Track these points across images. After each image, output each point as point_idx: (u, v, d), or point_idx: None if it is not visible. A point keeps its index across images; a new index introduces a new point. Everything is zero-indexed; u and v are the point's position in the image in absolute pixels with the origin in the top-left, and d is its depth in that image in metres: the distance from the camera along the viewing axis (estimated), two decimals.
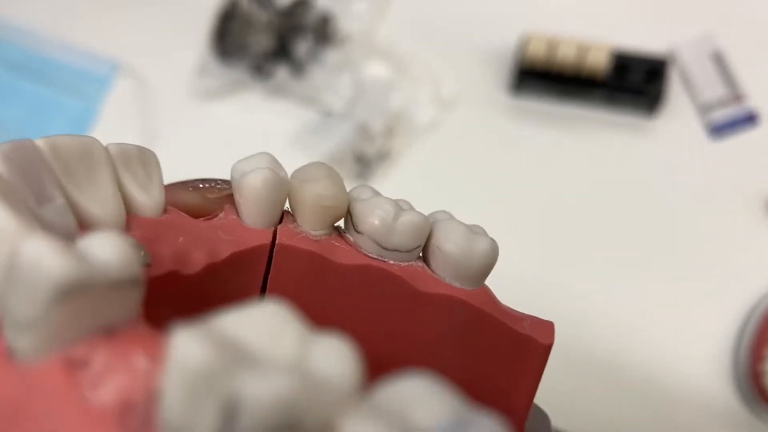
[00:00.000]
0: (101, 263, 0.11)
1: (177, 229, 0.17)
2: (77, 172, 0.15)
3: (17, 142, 0.15)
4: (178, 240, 0.16)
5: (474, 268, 0.19)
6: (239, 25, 0.54)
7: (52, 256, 0.10)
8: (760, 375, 0.44)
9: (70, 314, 0.11)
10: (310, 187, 0.19)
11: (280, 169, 0.19)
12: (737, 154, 0.49)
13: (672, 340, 0.46)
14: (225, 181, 0.20)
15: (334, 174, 0.20)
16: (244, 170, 0.19)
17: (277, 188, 0.18)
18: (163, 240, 0.16)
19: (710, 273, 0.47)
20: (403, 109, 0.52)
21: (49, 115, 0.56)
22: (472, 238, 0.19)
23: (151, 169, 0.18)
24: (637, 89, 0.48)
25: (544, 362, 0.20)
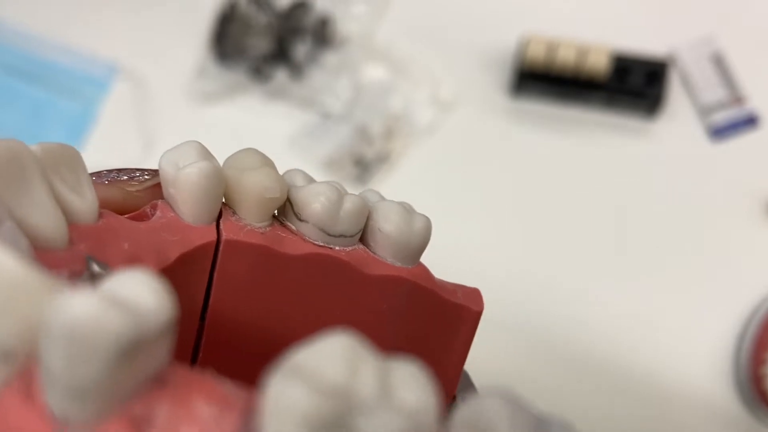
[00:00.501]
0: (147, 312, 0.10)
1: (119, 235, 0.16)
2: (11, 183, 0.13)
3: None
4: (123, 247, 0.15)
5: (413, 246, 0.19)
6: (238, 27, 0.54)
7: (106, 314, 0.09)
8: (761, 378, 0.44)
9: (126, 371, 0.10)
10: (252, 178, 0.18)
11: (213, 158, 0.18)
12: (738, 157, 0.49)
13: (673, 343, 0.46)
14: (146, 170, 0.19)
15: (269, 161, 0.19)
16: (178, 162, 0.17)
17: (217, 181, 0.17)
18: (109, 248, 0.15)
19: (711, 276, 0.47)
20: (402, 111, 0.52)
21: (47, 118, 0.56)
22: (409, 218, 0.19)
23: (78, 169, 0.16)
24: (637, 91, 0.48)
25: (474, 327, 0.21)
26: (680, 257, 0.47)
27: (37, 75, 0.57)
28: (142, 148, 0.54)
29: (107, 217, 0.16)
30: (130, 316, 0.10)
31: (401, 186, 0.51)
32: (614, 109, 0.49)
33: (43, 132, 0.56)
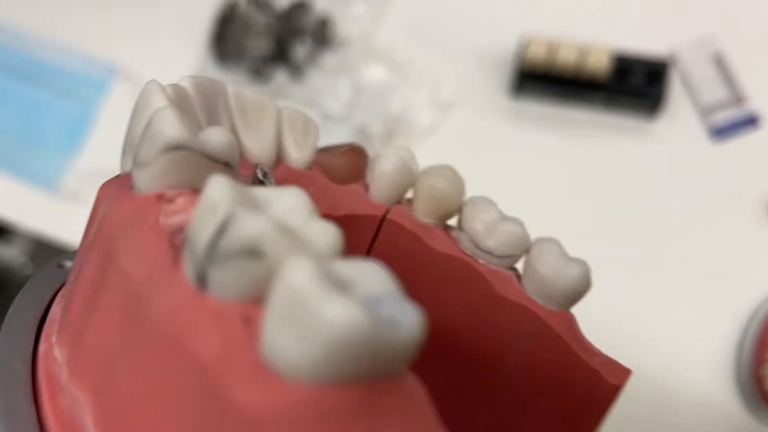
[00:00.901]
0: (207, 140, 0.15)
1: (310, 183, 0.20)
2: (250, 117, 0.19)
3: (210, 79, 0.18)
4: (308, 191, 0.17)
5: (561, 291, 0.20)
6: (237, 28, 0.54)
7: (171, 122, 0.14)
8: (762, 379, 0.44)
9: (174, 166, 0.14)
10: (427, 179, 0.22)
11: (413, 161, 0.22)
12: (738, 157, 0.48)
13: (673, 344, 0.46)
14: (346, 144, 0.23)
15: (454, 175, 0.22)
16: (381, 153, 0.22)
17: (402, 174, 0.21)
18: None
19: (712, 276, 0.47)
20: (402, 112, 0.52)
21: (45, 119, 0.56)
22: (565, 262, 0.20)
23: (309, 134, 0.21)
24: (637, 92, 0.48)
25: (608, 405, 0.20)
26: (681, 257, 0.47)
27: (35, 76, 0.56)
28: None
29: (313, 172, 0.21)
30: (185, 132, 0.15)
31: None
32: (615, 110, 0.49)
33: (41, 133, 0.55)
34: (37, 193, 0.54)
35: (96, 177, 0.54)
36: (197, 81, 0.18)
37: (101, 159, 0.54)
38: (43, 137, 0.55)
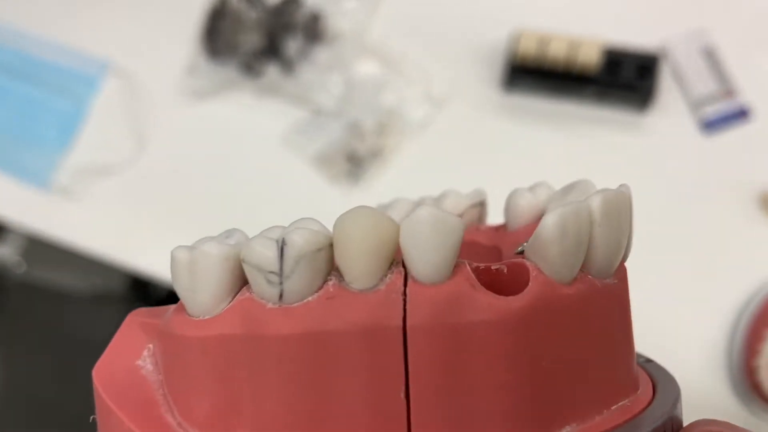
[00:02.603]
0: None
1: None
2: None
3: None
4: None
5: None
6: (229, 23, 0.54)
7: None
8: (754, 370, 0.44)
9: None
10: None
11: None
12: (729, 150, 0.49)
13: (665, 336, 0.46)
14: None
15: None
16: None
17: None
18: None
19: (703, 268, 0.47)
20: (394, 107, 0.52)
21: (37, 115, 0.55)
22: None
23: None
24: (628, 85, 0.48)
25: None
26: (672, 250, 0.47)
27: (27, 73, 0.56)
28: (132, 145, 0.54)
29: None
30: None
31: (394, 181, 0.51)
32: (606, 103, 0.49)
33: (33, 129, 0.55)
34: (29, 189, 0.54)
35: (88, 174, 0.53)
36: None
37: (93, 155, 0.54)
38: (35, 134, 0.55)
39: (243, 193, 0.53)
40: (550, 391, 0.16)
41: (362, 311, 0.15)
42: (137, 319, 0.18)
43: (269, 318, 0.16)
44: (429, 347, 0.15)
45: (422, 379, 0.15)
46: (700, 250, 0.47)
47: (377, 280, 0.15)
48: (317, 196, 0.51)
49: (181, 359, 0.17)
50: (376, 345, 0.15)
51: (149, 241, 0.53)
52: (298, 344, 0.15)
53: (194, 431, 0.17)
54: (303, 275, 0.15)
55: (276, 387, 0.16)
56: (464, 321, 0.15)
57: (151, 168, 0.54)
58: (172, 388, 0.17)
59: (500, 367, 0.15)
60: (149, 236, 0.53)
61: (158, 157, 0.54)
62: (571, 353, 0.16)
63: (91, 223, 0.53)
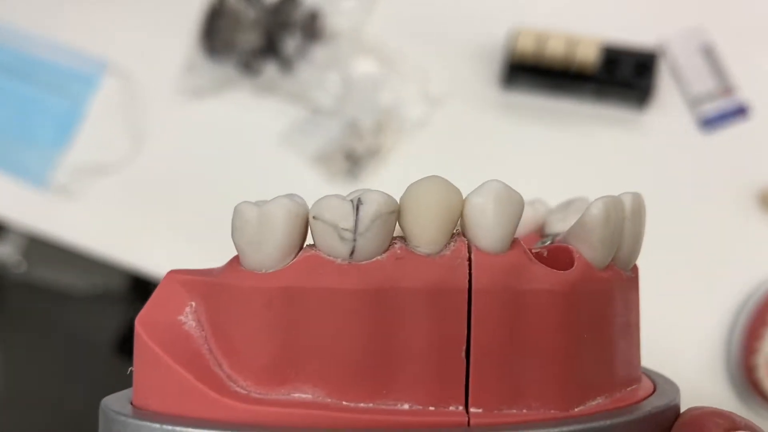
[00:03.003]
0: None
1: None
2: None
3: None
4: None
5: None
6: (227, 22, 0.54)
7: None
8: (752, 368, 0.44)
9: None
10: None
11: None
12: (728, 147, 0.49)
13: (664, 334, 0.46)
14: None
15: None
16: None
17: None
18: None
19: (702, 266, 0.47)
20: (392, 105, 0.52)
21: (35, 114, 0.55)
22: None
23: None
24: (626, 83, 0.48)
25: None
26: (671, 248, 0.47)
27: (24, 72, 0.56)
28: (130, 144, 0.54)
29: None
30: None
31: (392, 180, 0.51)
32: (604, 101, 0.49)
33: (30, 129, 0.55)
34: (27, 188, 0.54)
35: (86, 172, 0.53)
36: None
37: (91, 154, 0.54)
38: (33, 133, 0.55)
39: (241, 192, 0.52)
40: (588, 362, 0.17)
41: (431, 272, 0.16)
42: (178, 277, 0.19)
43: (339, 273, 0.16)
44: (491, 310, 0.16)
45: (483, 340, 0.16)
46: (699, 248, 0.47)
47: (442, 246, 0.17)
48: (315, 194, 0.51)
49: (240, 311, 0.17)
50: (441, 305, 0.16)
51: (147, 239, 0.53)
52: (366, 300, 0.16)
53: (247, 383, 0.17)
54: (377, 234, 0.16)
55: (340, 341, 0.16)
56: (524, 288, 0.16)
57: (149, 167, 0.54)
58: (222, 342, 0.18)
59: (553, 333, 0.17)
60: (147, 235, 0.53)
61: (156, 156, 0.54)
62: (603, 331, 0.18)
63: (90, 221, 0.53)
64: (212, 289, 0.18)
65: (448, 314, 0.16)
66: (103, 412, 0.18)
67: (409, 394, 0.16)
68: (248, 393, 0.17)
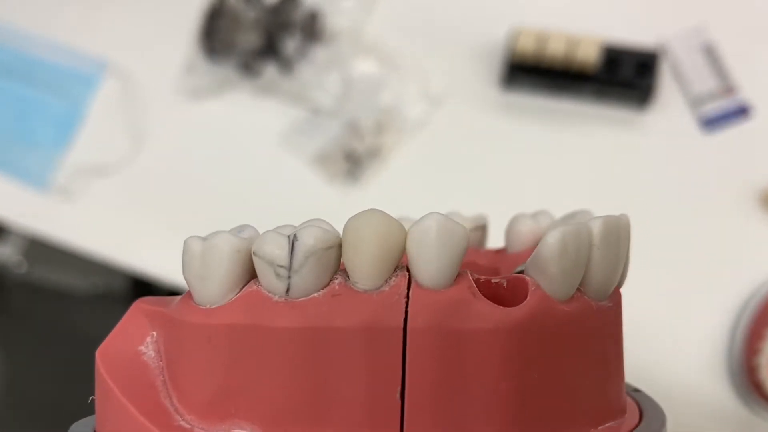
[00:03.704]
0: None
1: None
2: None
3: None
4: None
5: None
6: (227, 22, 0.53)
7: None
8: (754, 369, 0.44)
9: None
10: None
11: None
12: (729, 147, 0.48)
13: (666, 335, 0.46)
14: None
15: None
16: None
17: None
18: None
19: (703, 267, 0.47)
20: (392, 105, 0.52)
21: (35, 115, 0.55)
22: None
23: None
24: (627, 83, 0.48)
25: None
26: (672, 248, 0.47)
27: (24, 73, 0.56)
28: (130, 144, 0.54)
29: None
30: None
31: (392, 180, 0.51)
32: (605, 101, 0.49)
33: (30, 130, 0.55)
34: (27, 190, 0.54)
35: (86, 173, 0.53)
36: None
37: (91, 155, 0.54)
38: (33, 134, 0.55)
39: (241, 193, 0.53)
40: (540, 403, 0.17)
41: (365, 310, 0.16)
42: (143, 306, 0.19)
43: (274, 310, 0.16)
44: (427, 350, 0.16)
45: (418, 380, 0.16)
46: (700, 249, 0.47)
47: (382, 281, 0.16)
48: (316, 195, 0.51)
49: (186, 346, 0.17)
50: (376, 344, 0.16)
51: (147, 240, 0.52)
52: (300, 338, 0.16)
53: (191, 417, 0.17)
54: (311, 271, 0.16)
55: (276, 378, 0.16)
56: (463, 327, 0.16)
57: (149, 167, 0.54)
58: (173, 374, 0.18)
59: (495, 374, 0.16)
60: (147, 236, 0.53)
61: (156, 157, 0.54)
62: (563, 369, 0.17)
63: (89, 222, 0.53)
64: (167, 322, 0.18)
65: (383, 353, 0.16)
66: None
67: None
68: (192, 428, 0.17)
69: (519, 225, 0.23)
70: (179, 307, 0.18)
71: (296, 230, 0.16)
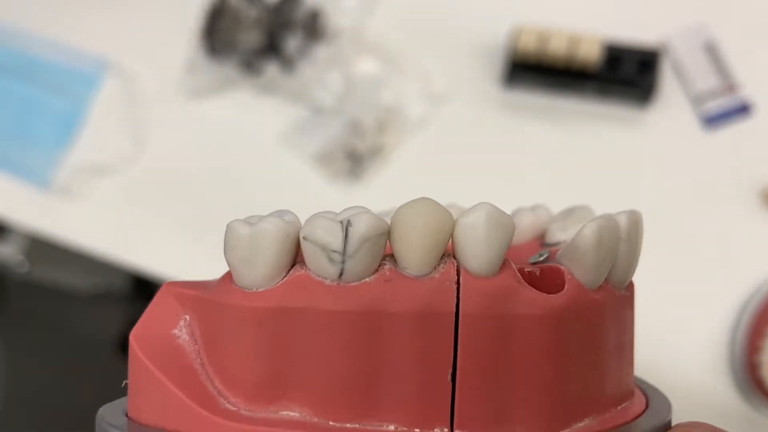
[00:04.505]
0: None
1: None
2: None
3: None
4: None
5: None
6: (228, 21, 0.53)
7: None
8: (756, 366, 0.44)
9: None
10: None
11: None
12: (731, 145, 0.48)
13: (667, 332, 0.46)
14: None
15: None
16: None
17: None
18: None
19: (705, 264, 0.47)
20: (394, 104, 0.52)
21: (37, 114, 0.55)
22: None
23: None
24: (629, 81, 0.48)
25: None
26: (674, 247, 0.47)
27: (26, 72, 0.56)
28: (132, 144, 0.54)
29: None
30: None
31: (394, 179, 0.51)
32: (607, 99, 0.49)
33: (32, 129, 0.55)
34: (29, 189, 0.54)
35: (88, 173, 0.53)
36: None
37: (93, 154, 0.54)
38: (35, 133, 0.55)
39: (243, 192, 0.53)
40: (576, 384, 0.18)
41: (418, 295, 0.16)
42: (173, 289, 0.19)
43: (329, 294, 0.17)
44: (478, 334, 0.16)
45: (469, 363, 0.16)
46: (702, 246, 0.47)
47: (431, 268, 0.17)
48: (317, 194, 0.51)
49: (231, 329, 0.17)
50: (429, 328, 0.16)
51: (149, 239, 0.53)
52: (355, 321, 0.16)
53: (237, 400, 0.17)
54: (365, 256, 0.16)
55: (327, 361, 0.17)
56: (512, 313, 0.17)
57: (150, 167, 0.54)
58: (214, 357, 0.18)
59: (540, 357, 0.17)
60: (149, 235, 0.53)
61: (158, 156, 0.54)
62: (593, 352, 0.18)
63: (91, 221, 0.53)
64: (205, 305, 0.18)
65: (435, 337, 0.16)
66: (99, 422, 0.18)
67: (395, 416, 0.16)
68: (238, 410, 0.17)
69: (520, 219, 0.24)
70: (220, 289, 0.18)
71: (348, 215, 0.17)
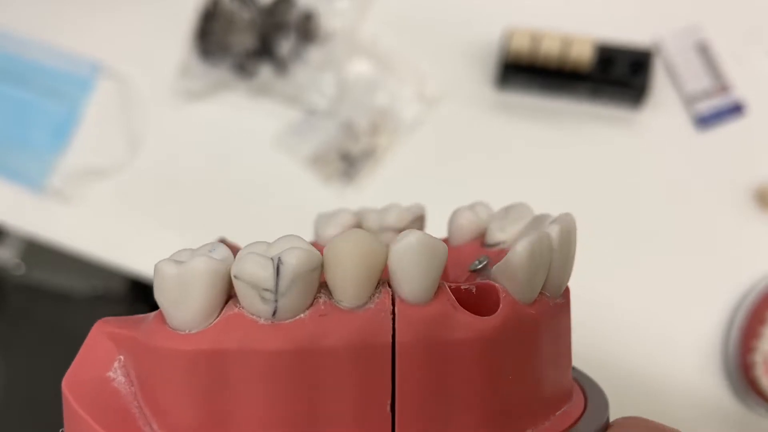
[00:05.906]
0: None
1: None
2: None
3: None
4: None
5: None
6: (221, 24, 0.54)
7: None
8: (749, 366, 0.44)
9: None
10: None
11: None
12: (724, 145, 0.48)
13: (661, 333, 0.46)
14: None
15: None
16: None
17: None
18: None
19: (699, 265, 0.47)
20: (387, 106, 0.52)
21: (31, 118, 0.55)
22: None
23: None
24: (621, 82, 0.48)
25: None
26: (667, 246, 0.47)
27: (20, 76, 0.56)
28: (126, 147, 0.54)
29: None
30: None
31: (388, 181, 0.51)
32: (599, 100, 0.49)
33: (27, 133, 0.55)
34: (24, 192, 0.54)
35: (82, 176, 0.53)
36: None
37: (88, 158, 0.54)
38: (29, 137, 0.55)
39: (237, 194, 0.53)
40: (513, 400, 0.18)
41: (354, 328, 0.16)
42: (105, 329, 0.18)
43: (263, 333, 0.16)
44: (415, 362, 0.16)
45: (407, 392, 0.16)
46: (695, 246, 0.47)
47: (366, 299, 0.16)
48: (311, 196, 0.51)
49: (166, 372, 0.17)
50: (366, 360, 0.16)
51: (144, 242, 0.53)
52: (291, 359, 0.16)
53: None
54: (298, 293, 0.16)
55: (267, 401, 0.16)
56: (447, 338, 0.16)
57: (145, 169, 0.54)
58: (151, 400, 0.17)
59: (476, 379, 0.17)
60: (144, 238, 0.53)
61: (152, 159, 0.54)
62: (529, 366, 0.18)
63: (86, 225, 0.53)
64: (138, 346, 0.18)
65: (373, 369, 0.16)
66: None
67: None
68: None
69: (459, 218, 0.24)
70: (152, 331, 0.17)
71: (278, 252, 0.16)
